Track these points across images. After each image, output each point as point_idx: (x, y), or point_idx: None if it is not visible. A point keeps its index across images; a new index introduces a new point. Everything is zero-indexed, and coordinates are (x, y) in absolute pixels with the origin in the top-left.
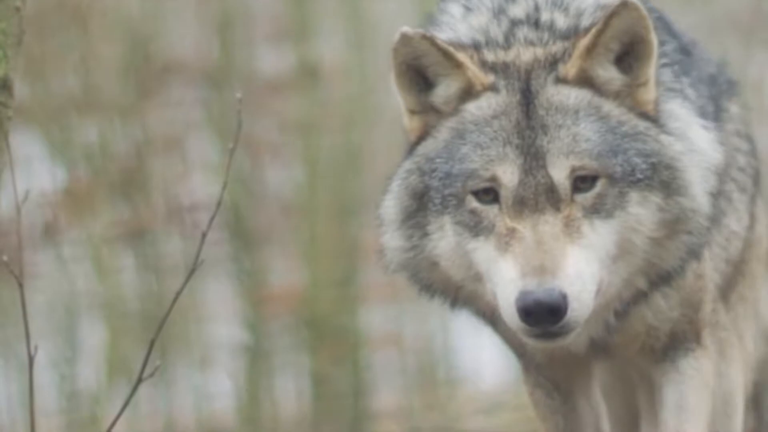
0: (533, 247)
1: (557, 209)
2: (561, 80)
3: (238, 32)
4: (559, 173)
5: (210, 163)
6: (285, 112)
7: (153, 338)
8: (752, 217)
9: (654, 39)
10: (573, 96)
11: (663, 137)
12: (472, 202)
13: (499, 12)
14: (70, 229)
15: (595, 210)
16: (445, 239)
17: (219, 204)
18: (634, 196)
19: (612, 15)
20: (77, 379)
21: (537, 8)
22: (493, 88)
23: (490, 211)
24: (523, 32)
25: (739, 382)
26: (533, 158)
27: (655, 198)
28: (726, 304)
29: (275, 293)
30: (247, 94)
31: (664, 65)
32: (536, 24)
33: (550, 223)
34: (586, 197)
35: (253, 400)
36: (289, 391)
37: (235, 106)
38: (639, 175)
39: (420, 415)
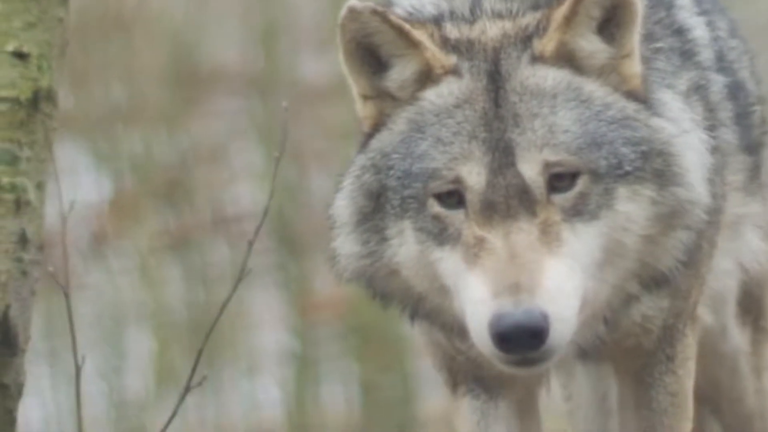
0: (506, 261)
1: (532, 213)
2: (537, 58)
3: (283, 40)
4: (530, 169)
5: (255, 171)
6: (330, 120)
7: (201, 347)
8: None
9: (638, 0)
10: (551, 77)
11: (654, 120)
12: (435, 206)
13: None
14: (116, 239)
15: (577, 212)
16: (405, 246)
17: (266, 212)
18: (622, 191)
19: None
20: (125, 388)
21: None
22: (455, 72)
23: (456, 217)
24: (490, 2)
25: None
26: (502, 154)
27: (647, 191)
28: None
29: (322, 300)
30: (291, 101)
31: (660, 51)
32: None
33: (524, 231)
34: (566, 197)
35: (301, 407)
36: (337, 398)
37: (281, 114)
38: (627, 168)
39: None
